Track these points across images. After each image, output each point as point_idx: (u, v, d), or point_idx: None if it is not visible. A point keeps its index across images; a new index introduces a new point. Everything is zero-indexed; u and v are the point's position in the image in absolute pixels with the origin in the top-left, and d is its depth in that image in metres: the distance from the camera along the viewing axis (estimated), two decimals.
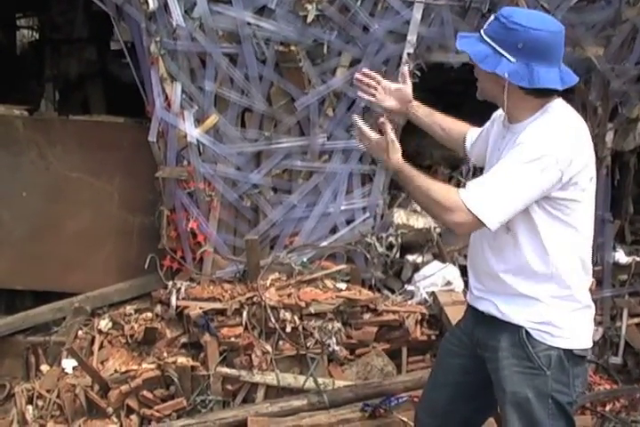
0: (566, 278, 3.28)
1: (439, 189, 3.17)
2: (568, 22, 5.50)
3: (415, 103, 3.72)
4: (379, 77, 3.75)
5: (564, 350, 3.28)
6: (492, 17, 3.23)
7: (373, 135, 3.27)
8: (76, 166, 5.82)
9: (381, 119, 3.27)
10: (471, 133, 3.71)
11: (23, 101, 6.37)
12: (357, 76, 3.76)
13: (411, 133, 5.63)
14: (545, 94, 3.23)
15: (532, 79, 3.13)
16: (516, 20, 3.14)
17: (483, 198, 3.08)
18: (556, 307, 3.28)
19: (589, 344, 3.38)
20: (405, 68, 3.72)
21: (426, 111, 3.72)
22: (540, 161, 3.09)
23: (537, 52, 3.13)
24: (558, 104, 3.27)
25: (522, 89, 3.19)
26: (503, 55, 3.14)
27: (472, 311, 3.53)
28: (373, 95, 3.73)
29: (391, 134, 3.22)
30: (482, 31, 3.23)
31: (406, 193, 5.14)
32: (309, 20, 5.34)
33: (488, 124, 3.59)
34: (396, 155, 3.22)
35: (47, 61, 7.60)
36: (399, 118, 4.18)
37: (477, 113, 3.55)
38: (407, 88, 3.70)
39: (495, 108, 3.50)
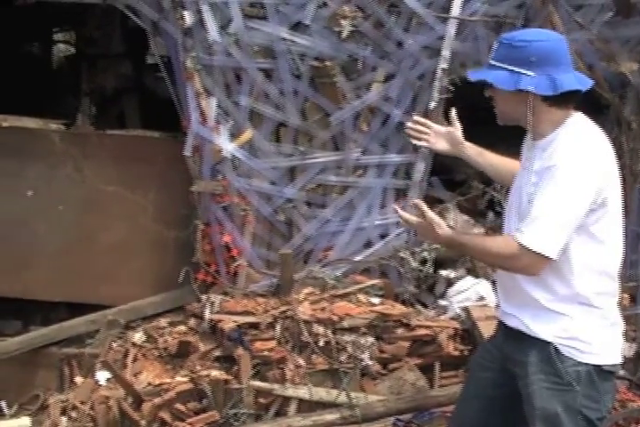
0: (592, 295, 3.28)
1: (495, 242, 3.28)
2: (603, 37, 5.53)
3: (467, 144, 3.76)
4: (429, 123, 3.79)
5: (593, 365, 3.27)
6: (495, 44, 3.32)
7: (415, 220, 3.35)
8: (112, 180, 5.88)
9: (414, 201, 3.36)
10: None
11: (59, 115, 6.44)
12: (409, 124, 3.80)
13: None
14: (567, 103, 3.28)
15: (556, 86, 3.20)
16: (520, 38, 3.26)
17: (539, 235, 3.14)
18: (584, 322, 3.27)
19: (619, 360, 3.37)
20: (454, 112, 3.75)
21: (477, 151, 3.76)
22: (578, 182, 3.14)
23: (550, 61, 3.21)
24: (579, 118, 3.33)
25: (544, 101, 3.24)
26: (520, 73, 3.21)
27: (502, 327, 3.53)
28: (426, 140, 3.77)
29: (429, 213, 3.29)
30: (490, 60, 3.30)
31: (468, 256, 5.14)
32: (344, 35, 5.38)
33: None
34: (442, 229, 3.29)
35: (84, 76, 7.66)
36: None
37: (510, 128, 3.56)
38: (457, 131, 3.73)
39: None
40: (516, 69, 3.21)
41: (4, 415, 5.53)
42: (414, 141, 3.84)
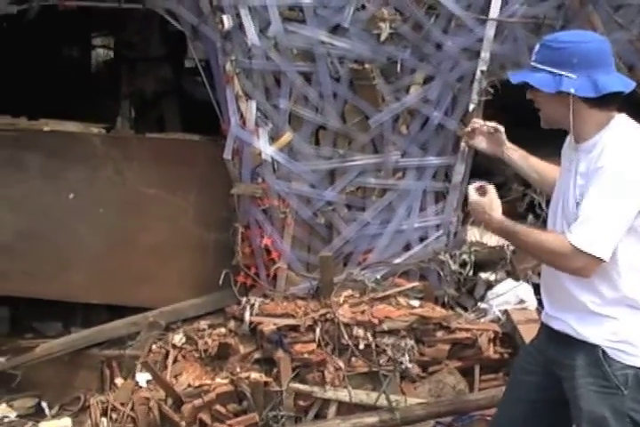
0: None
1: (549, 240, 3.24)
2: None
3: (510, 146, 3.75)
4: (476, 122, 3.80)
5: None
6: (537, 46, 3.31)
7: (474, 196, 3.36)
8: (152, 182, 5.90)
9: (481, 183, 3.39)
10: None
11: (99, 119, 6.49)
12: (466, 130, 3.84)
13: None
14: (609, 105, 3.27)
15: (598, 88, 3.19)
16: (563, 40, 3.26)
17: (591, 237, 3.13)
18: (632, 325, 3.26)
19: None
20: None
21: (521, 154, 3.76)
22: (627, 182, 3.13)
23: (592, 63, 3.20)
24: (622, 118, 3.32)
25: (586, 103, 3.23)
26: (562, 75, 3.20)
27: (546, 330, 3.51)
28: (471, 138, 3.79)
29: (493, 193, 3.32)
30: (532, 62, 3.30)
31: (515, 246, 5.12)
32: (383, 38, 5.38)
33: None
34: (497, 212, 3.30)
35: (123, 79, 7.71)
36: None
37: (549, 130, 3.56)
38: (500, 132, 3.73)
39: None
40: (558, 71, 3.21)
41: (45, 416, 5.58)
42: (463, 142, 3.83)
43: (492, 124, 3.76)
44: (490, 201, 3.31)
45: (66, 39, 8.94)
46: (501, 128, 3.74)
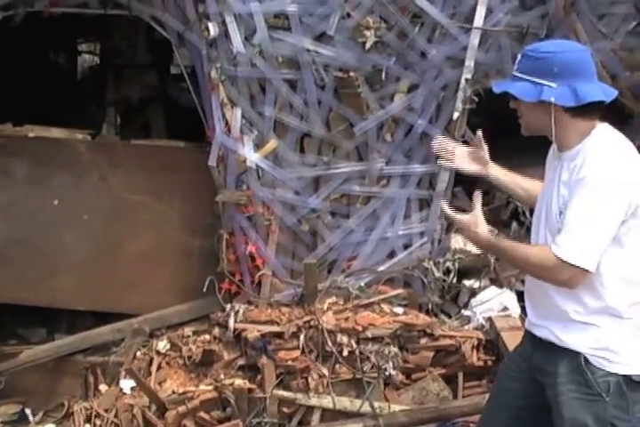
0: (623, 306, 3.26)
1: (534, 254, 3.23)
2: (626, 47, 5.54)
3: (492, 165, 3.76)
4: (452, 144, 3.79)
5: (623, 375, 3.24)
6: (519, 56, 3.32)
7: (457, 216, 3.35)
8: (137, 189, 5.91)
9: (475, 192, 3.36)
10: None
11: (84, 125, 6.48)
12: (434, 144, 3.80)
13: None
14: (591, 114, 3.27)
15: (578, 97, 3.19)
16: (543, 50, 3.27)
17: (576, 249, 3.12)
18: (614, 332, 3.26)
19: None
20: (480, 134, 3.75)
21: (503, 172, 3.76)
22: (610, 193, 3.13)
23: (573, 72, 3.21)
24: (605, 128, 3.31)
25: (568, 112, 3.24)
26: (543, 84, 3.21)
27: (530, 337, 3.52)
28: (452, 161, 3.76)
29: (477, 210, 3.31)
30: (514, 72, 3.31)
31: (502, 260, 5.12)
32: (368, 46, 5.40)
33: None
34: (482, 229, 3.30)
35: (109, 86, 7.72)
36: None
37: (533, 138, 3.57)
38: (483, 151, 3.73)
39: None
40: (539, 81, 3.21)
41: (29, 423, 5.57)
42: (442, 163, 3.79)
43: (470, 148, 3.75)
44: (474, 218, 3.30)
45: (52, 45, 8.93)
46: (483, 148, 3.73)
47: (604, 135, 3.28)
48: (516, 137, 3.66)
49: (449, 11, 5.43)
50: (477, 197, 3.35)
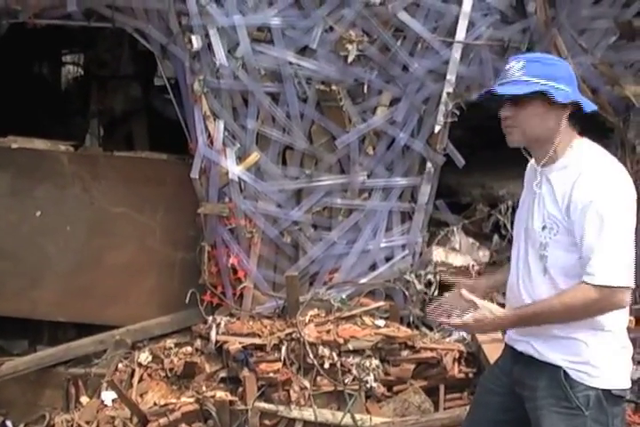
0: (605, 320, 3.27)
1: (571, 297, 3.16)
2: (607, 61, 5.57)
3: (487, 281, 3.76)
4: (443, 300, 3.59)
5: (603, 390, 3.25)
6: (523, 62, 3.22)
7: (467, 319, 3.28)
8: (120, 201, 5.91)
9: (461, 292, 3.32)
10: None
11: (67, 136, 6.48)
12: (429, 312, 3.58)
13: (450, 172, 5.69)
14: (576, 125, 3.29)
15: (589, 104, 3.23)
16: (548, 57, 3.36)
17: (611, 270, 3.11)
18: (594, 347, 3.26)
19: (628, 384, 3.36)
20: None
21: (497, 276, 3.75)
22: (621, 210, 3.13)
23: (572, 81, 3.25)
24: (587, 142, 3.30)
25: (568, 120, 3.23)
26: (559, 88, 3.17)
27: (510, 351, 3.52)
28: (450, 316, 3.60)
29: (477, 300, 3.27)
30: (522, 77, 3.20)
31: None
32: (350, 59, 5.43)
33: None
34: (499, 312, 3.25)
35: (93, 97, 7.72)
36: None
37: (516, 150, 3.56)
38: (478, 287, 3.64)
39: None
40: (556, 85, 3.18)
41: None
42: (442, 322, 3.50)
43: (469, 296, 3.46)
44: (482, 308, 3.24)
45: (36, 56, 8.92)
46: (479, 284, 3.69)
47: (593, 151, 3.27)
48: (500, 149, 3.66)
49: (431, 25, 5.46)
50: (466, 294, 3.29)
